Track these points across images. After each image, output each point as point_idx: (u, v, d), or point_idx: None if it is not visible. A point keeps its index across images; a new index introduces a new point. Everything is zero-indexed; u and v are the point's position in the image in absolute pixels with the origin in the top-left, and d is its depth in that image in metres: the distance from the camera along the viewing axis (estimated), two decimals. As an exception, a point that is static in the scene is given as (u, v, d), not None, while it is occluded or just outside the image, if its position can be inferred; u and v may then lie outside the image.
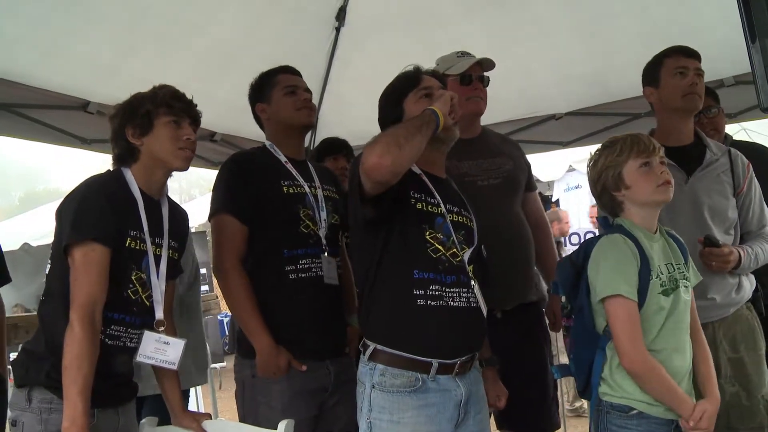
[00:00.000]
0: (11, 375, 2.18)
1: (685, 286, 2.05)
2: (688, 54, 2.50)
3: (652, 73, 2.57)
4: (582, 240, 12.20)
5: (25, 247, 11.91)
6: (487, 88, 2.79)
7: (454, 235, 2.09)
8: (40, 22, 3.14)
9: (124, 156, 2.16)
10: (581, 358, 2.09)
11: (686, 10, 3.60)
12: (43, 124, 3.66)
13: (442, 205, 2.10)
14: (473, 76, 2.74)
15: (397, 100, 2.16)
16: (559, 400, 2.93)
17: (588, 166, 2.18)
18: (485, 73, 2.78)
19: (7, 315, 3.07)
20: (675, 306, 1.99)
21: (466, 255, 2.10)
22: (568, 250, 12.17)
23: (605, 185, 2.09)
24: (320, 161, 3.27)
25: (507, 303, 2.62)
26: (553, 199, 8.91)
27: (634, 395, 1.96)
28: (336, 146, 3.43)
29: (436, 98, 2.05)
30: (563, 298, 2.16)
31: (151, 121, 2.12)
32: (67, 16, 3.17)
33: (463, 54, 2.81)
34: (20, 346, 2.22)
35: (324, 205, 2.49)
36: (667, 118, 2.53)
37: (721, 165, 2.50)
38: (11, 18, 3.04)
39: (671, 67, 2.50)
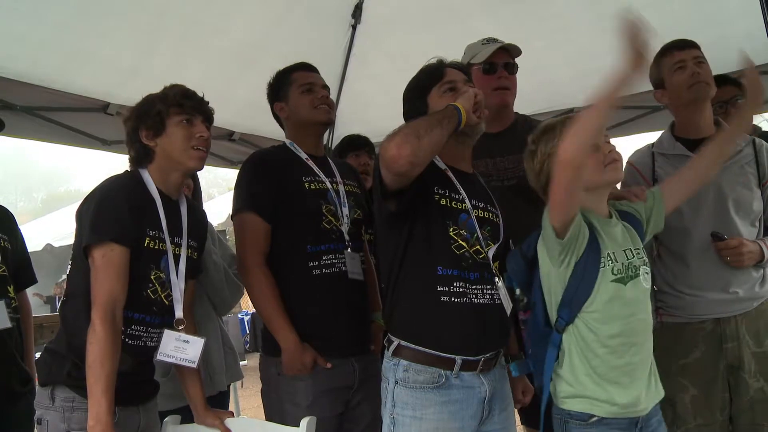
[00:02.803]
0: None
1: (646, 273, 1.95)
2: (682, 46, 2.47)
3: (655, 75, 2.53)
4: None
5: (48, 247, 12.08)
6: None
7: (478, 231, 2.07)
8: (62, 27, 3.18)
9: (140, 157, 2.18)
10: (536, 355, 2.01)
11: (707, 2, 3.56)
12: (64, 126, 3.71)
13: (467, 200, 2.08)
14: (498, 64, 2.60)
15: (420, 95, 2.14)
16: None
17: (524, 158, 2.06)
18: (515, 60, 2.63)
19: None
20: (635, 295, 1.90)
21: (491, 251, 2.08)
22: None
23: (550, 175, 1.86)
24: (342, 158, 3.27)
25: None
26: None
27: (592, 391, 1.87)
28: (357, 143, 3.44)
29: (460, 94, 2.03)
30: (518, 291, 2.08)
31: (163, 122, 2.12)
32: (89, 20, 3.21)
33: (489, 40, 2.66)
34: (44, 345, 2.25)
35: (346, 200, 2.48)
36: (683, 114, 2.51)
37: (744, 156, 2.46)
38: (34, 23, 3.08)
39: (669, 64, 2.47)
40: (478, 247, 2.05)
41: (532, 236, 2.01)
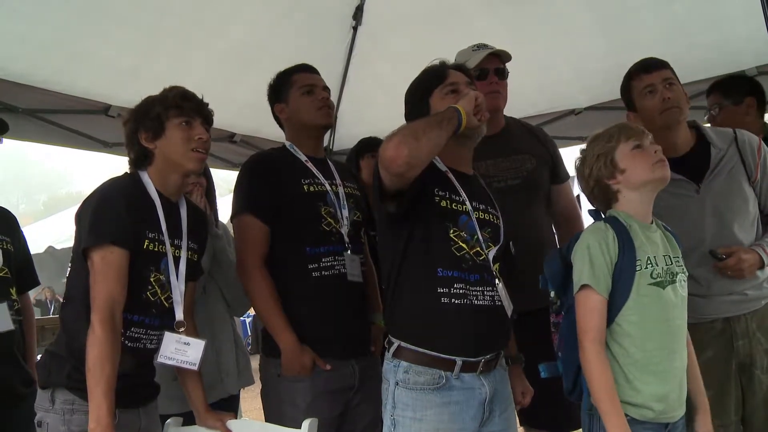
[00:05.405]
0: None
1: (683, 281, 1.98)
2: (650, 69, 2.43)
3: (626, 98, 2.49)
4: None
5: (50, 250, 12.13)
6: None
7: (479, 233, 2.06)
8: (62, 29, 3.19)
9: (140, 160, 2.18)
10: (570, 358, 2.00)
11: (707, 3, 3.54)
12: (65, 128, 3.71)
13: (467, 202, 2.08)
14: (489, 69, 2.64)
15: (422, 96, 2.14)
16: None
17: (576, 164, 2.11)
18: (505, 65, 2.66)
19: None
20: (672, 300, 1.92)
21: (491, 253, 2.07)
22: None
23: (598, 176, 2.01)
24: (358, 159, 3.27)
25: (520, 307, 2.48)
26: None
27: (628, 395, 1.89)
28: (374, 144, 3.42)
29: (462, 96, 2.03)
30: (552, 294, 2.08)
31: (162, 124, 2.12)
32: (89, 21, 3.22)
33: (479, 47, 2.70)
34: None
35: (345, 202, 2.48)
36: (658, 136, 2.25)
37: (729, 159, 2.40)
38: (35, 25, 3.08)
39: (638, 89, 2.43)
40: (478, 248, 2.05)
41: (573, 238, 2.03)
